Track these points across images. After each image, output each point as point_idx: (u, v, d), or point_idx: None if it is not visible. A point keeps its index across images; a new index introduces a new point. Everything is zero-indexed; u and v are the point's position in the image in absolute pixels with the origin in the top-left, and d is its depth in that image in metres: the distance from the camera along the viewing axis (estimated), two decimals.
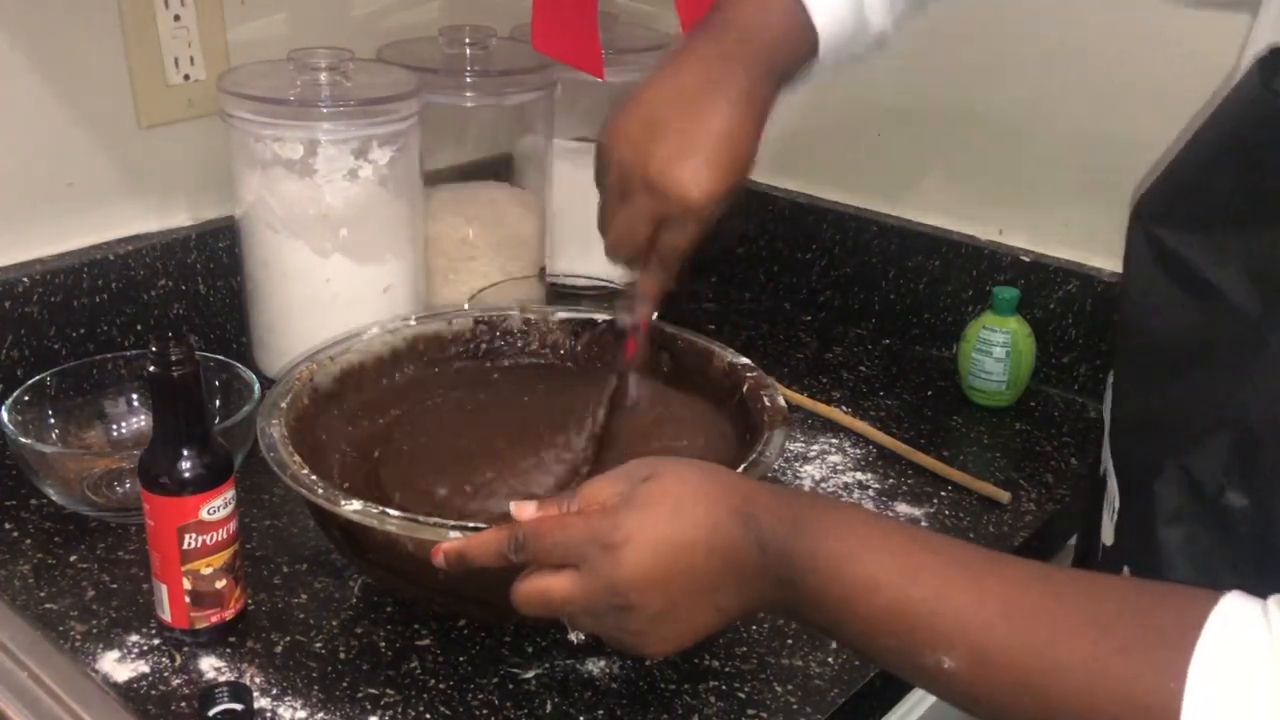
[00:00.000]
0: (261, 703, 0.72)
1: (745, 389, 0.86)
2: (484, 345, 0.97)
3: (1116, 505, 0.67)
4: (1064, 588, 0.52)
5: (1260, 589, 0.48)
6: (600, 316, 0.97)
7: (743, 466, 0.75)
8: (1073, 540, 1.06)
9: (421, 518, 0.69)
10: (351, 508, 0.70)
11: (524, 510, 0.64)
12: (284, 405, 0.81)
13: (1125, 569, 0.65)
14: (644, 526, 0.60)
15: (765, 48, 0.74)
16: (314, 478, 0.73)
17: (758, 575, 0.59)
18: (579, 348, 0.97)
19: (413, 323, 0.95)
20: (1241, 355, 0.56)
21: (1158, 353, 0.63)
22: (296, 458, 0.75)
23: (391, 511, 0.69)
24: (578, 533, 0.61)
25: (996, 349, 1.07)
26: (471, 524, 0.67)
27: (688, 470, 0.63)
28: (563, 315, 0.98)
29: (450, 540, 0.66)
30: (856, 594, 0.55)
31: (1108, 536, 0.69)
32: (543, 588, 0.62)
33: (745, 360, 0.89)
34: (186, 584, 0.74)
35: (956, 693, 0.54)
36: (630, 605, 0.60)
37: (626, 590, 0.59)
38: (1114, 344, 0.72)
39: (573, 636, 0.67)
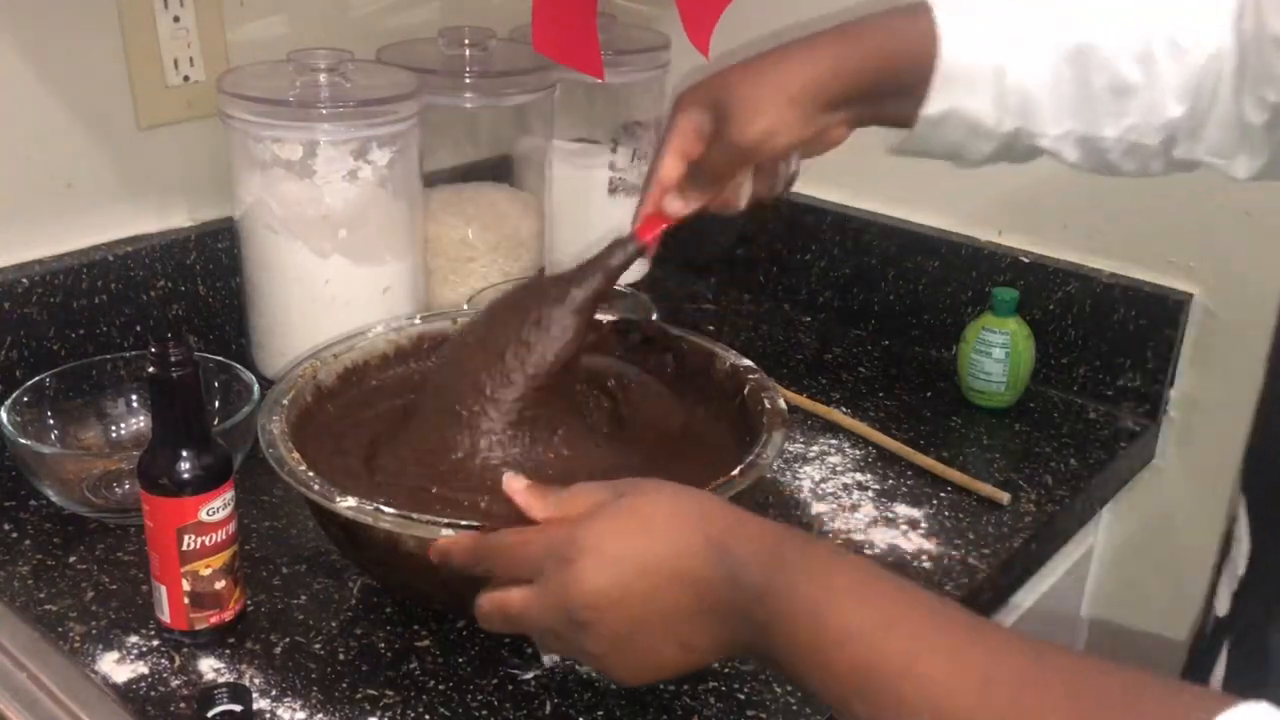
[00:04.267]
0: (261, 704, 0.71)
1: (747, 391, 0.86)
2: None
3: (1240, 570, 0.60)
4: (1048, 666, 0.47)
5: None
6: (604, 317, 0.97)
7: (740, 468, 0.75)
8: (1072, 542, 1.06)
9: (415, 515, 0.69)
10: (346, 504, 0.70)
11: (515, 483, 0.63)
12: (285, 403, 0.81)
13: (1224, 647, 0.59)
14: (604, 542, 0.57)
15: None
16: (311, 474, 0.73)
17: (729, 614, 0.55)
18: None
19: (417, 321, 0.95)
20: None
21: None
22: (295, 454, 0.74)
23: (386, 509, 0.69)
24: (536, 546, 0.60)
25: (996, 350, 1.07)
26: (464, 521, 0.67)
27: (668, 491, 0.60)
28: None
29: (443, 537, 0.66)
30: (826, 645, 0.51)
31: (1222, 606, 0.63)
32: (501, 602, 0.61)
33: (748, 362, 0.89)
34: (186, 585, 0.74)
35: None
36: (584, 623, 0.57)
37: (578, 607, 0.57)
38: (1271, 373, 0.65)
39: (546, 660, 0.66)
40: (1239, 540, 0.60)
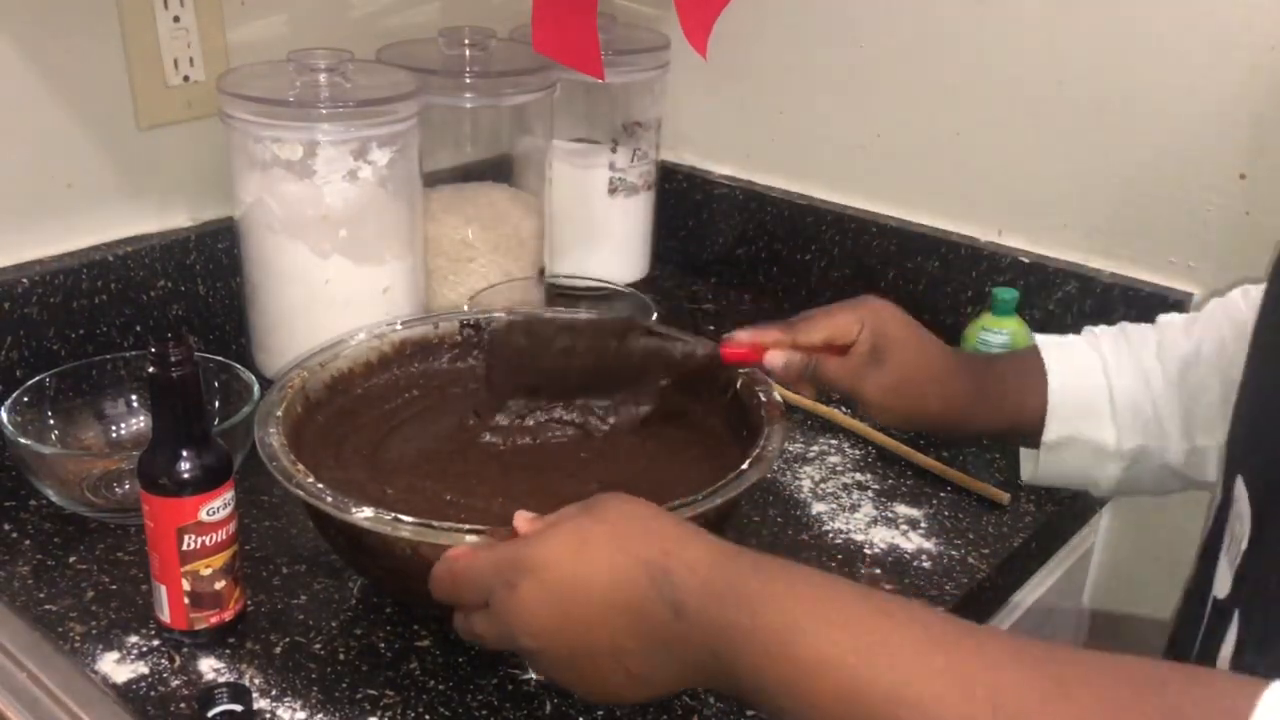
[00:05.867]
0: (261, 704, 0.71)
1: (739, 385, 0.86)
2: (473, 347, 0.96)
3: (1243, 547, 0.58)
4: (1068, 669, 0.43)
5: None
6: (585, 315, 0.96)
7: (747, 462, 0.75)
8: (1072, 542, 1.06)
9: (436, 523, 0.68)
10: (363, 514, 0.69)
11: (521, 520, 0.62)
12: (279, 414, 0.80)
13: (1235, 618, 0.57)
14: (544, 568, 0.55)
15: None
16: (320, 486, 0.72)
17: (678, 643, 0.52)
18: None
19: (399, 327, 0.94)
20: None
21: None
22: (300, 466, 0.74)
23: (404, 518, 0.68)
24: (483, 568, 0.58)
25: (996, 350, 1.07)
26: (485, 527, 0.67)
27: (616, 510, 0.57)
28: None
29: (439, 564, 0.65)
30: (802, 676, 0.48)
31: (1222, 587, 0.61)
32: (464, 626, 0.61)
33: None
34: (186, 585, 0.74)
35: None
36: (529, 650, 0.56)
37: (520, 634, 0.56)
38: (1251, 359, 0.66)
39: (530, 675, 0.66)
40: (1239, 519, 0.58)
